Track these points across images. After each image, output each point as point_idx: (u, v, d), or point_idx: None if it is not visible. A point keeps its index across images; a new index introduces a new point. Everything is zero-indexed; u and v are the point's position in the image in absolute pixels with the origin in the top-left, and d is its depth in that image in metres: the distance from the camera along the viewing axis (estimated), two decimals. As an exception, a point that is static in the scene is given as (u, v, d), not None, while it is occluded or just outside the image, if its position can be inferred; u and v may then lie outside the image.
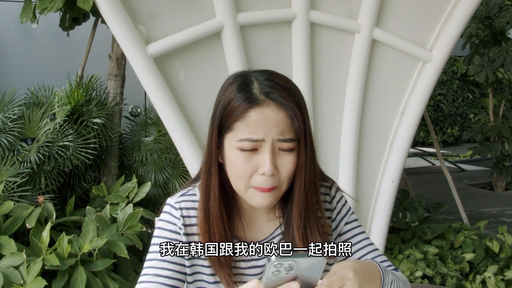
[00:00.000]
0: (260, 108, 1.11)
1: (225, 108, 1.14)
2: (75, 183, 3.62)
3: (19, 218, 2.83)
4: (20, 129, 3.37)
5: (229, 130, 1.14)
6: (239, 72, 1.21)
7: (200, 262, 1.24)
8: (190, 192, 1.28)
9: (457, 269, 3.53)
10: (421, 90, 3.47)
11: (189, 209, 1.25)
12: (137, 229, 3.03)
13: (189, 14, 2.94)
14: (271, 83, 1.14)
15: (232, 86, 1.16)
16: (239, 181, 1.16)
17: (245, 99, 1.12)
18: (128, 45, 2.78)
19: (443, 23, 3.45)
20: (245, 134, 1.11)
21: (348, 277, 1.00)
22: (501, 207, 6.49)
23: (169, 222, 1.24)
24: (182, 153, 2.93)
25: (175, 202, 1.26)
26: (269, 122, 1.11)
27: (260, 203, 1.16)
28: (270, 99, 1.12)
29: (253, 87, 1.14)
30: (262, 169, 1.12)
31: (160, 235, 1.24)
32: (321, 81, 3.30)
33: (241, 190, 1.18)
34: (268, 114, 1.11)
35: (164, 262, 1.20)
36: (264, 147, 1.12)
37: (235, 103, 1.12)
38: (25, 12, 3.03)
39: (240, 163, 1.13)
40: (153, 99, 2.86)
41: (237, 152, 1.13)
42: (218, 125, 1.16)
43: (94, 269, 2.74)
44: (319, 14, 3.20)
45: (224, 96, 1.16)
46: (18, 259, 2.53)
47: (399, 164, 3.49)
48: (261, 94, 1.12)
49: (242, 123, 1.12)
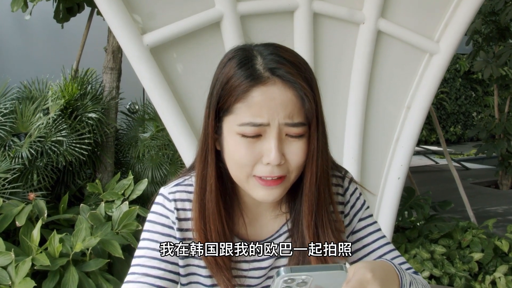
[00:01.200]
0: (264, 87, 0.96)
1: (223, 87, 0.99)
2: (69, 180, 3.53)
3: (9, 216, 2.73)
4: (12, 123, 3.30)
5: (229, 112, 0.99)
6: (240, 46, 1.05)
7: (195, 262, 1.10)
8: (186, 182, 1.13)
9: (465, 269, 3.41)
10: (428, 84, 3.37)
11: (184, 201, 1.10)
12: (132, 228, 2.94)
13: (187, 3, 2.84)
14: (277, 57, 0.98)
15: (232, 62, 1.00)
16: (239, 171, 1.01)
17: (247, 76, 0.96)
18: (123, 35, 2.68)
19: (450, 14, 3.35)
20: (247, 118, 0.96)
21: (367, 280, 0.87)
22: (508, 205, 6.38)
23: (162, 215, 1.09)
24: (180, 149, 2.83)
25: (169, 193, 1.10)
26: (275, 103, 0.95)
27: (264, 196, 1.01)
28: (277, 76, 0.96)
29: (257, 63, 0.98)
30: (267, 157, 0.97)
31: (151, 229, 1.09)
32: (324, 74, 3.20)
33: (241, 181, 1.03)
34: (274, 94, 0.96)
35: (155, 260, 1.06)
36: (269, 133, 0.97)
37: (235, 81, 0.97)
38: (16, 0, 2.92)
39: (241, 151, 0.98)
40: (149, 92, 2.77)
41: (238, 138, 0.98)
42: (216, 106, 1.01)
43: (87, 269, 2.63)
44: (322, 4, 3.10)
45: (222, 73, 1.01)
46: (6, 259, 2.43)
47: (405, 161, 3.39)
48: (265, 70, 0.97)
49: (243, 104, 0.96)
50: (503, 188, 7.50)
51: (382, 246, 1.19)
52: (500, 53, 6.45)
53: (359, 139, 3.28)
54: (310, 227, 1.06)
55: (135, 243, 2.89)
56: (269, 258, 1.13)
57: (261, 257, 1.13)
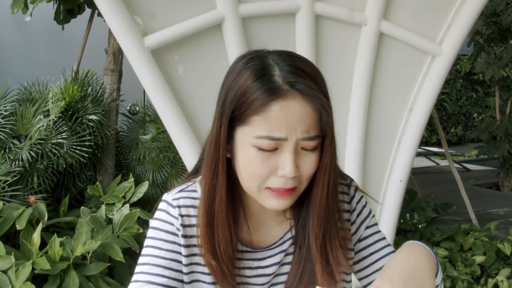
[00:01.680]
0: (284, 101, 0.93)
1: (240, 98, 0.96)
2: (70, 182, 3.51)
3: (9, 219, 2.71)
4: (12, 125, 3.27)
5: (244, 123, 0.96)
6: (253, 53, 1.02)
7: (200, 268, 1.08)
8: (190, 187, 1.11)
9: (467, 272, 3.40)
10: (430, 86, 3.36)
11: (189, 207, 1.07)
12: (133, 231, 2.91)
13: (188, 4, 2.83)
14: (295, 69, 0.96)
15: (248, 71, 0.97)
16: (252, 182, 0.99)
17: (266, 89, 0.93)
18: (124, 37, 2.67)
19: (453, 16, 3.34)
20: (265, 131, 0.94)
21: None
22: (509, 207, 6.37)
23: (166, 221, 1.07)
24: (181, 151, 2.81)
25: (173, 199, 1.08)
26: (294, 118, 0.94)
27: (275, 205, 0.99)
28: (296, 90, 0.94)
29: (275, 74, 0.95)
30: (282, 170, 0.95)
31: (155, 237, 1.07)
32: (326, 76, 3.09)
33: (253, 192, 1.01)
34: (293, 108, 0.94)
35: (159, 268, 1.04)
36: (286, 147, 0.95)
37: (253, 94, 0.94)
38: (16, 2, 2.91)
39: (256, 163, 0.96)
40: (150, 94, 2.75)
41: (254, 150, 0.96)
42: (230, 116, 0.98)
43: (87, 273, 2.61)
44: (324, 6, 3.09)
45: (237, 83, 0.97)
46: (7, 263, 2.40)
47: (407, 163, 3.38)
48: (284, 83, 0.94)
49: (261, 117, 0.94)
50: (505, 190, 7.49)
51: (388, 254, 1.17)
52: (502, 54, 6.44)
53: (361, 141, 3.27)
54: (318, 238, 1.05)
55: (136, 246, 2.87)
56: (273, 265, 1.11)
57: (265, 263, 1.11)
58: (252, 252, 1.11)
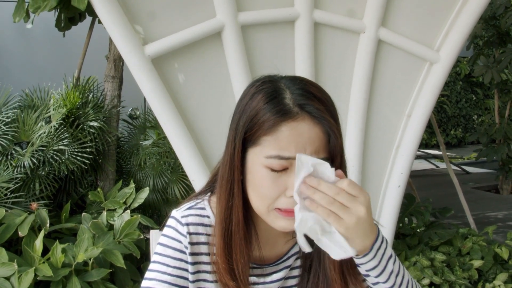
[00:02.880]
0: (294, 122, 0.97)
1: (251, 120, 1.00)
2: (71, 188, 3.54)
3: (12, 226, 2.75)
4: (14, 132, 3.31)
5: (255, 144, 1.00)
6: (266, 78, 1.06)
7: (207, 285, 1.11)
8: (199, 205, 1.13)
9: (465, 277, 3.42)
10: (428, 92, 3.40)
11: (197, 225, 1.10)
12: (134, 237, 2.95)
13: (188, 13, 2.87)
14: (306, 93, 1.00)
15: (260, 94, 1.01)
16: (261, 202, 1.02)
17: (277, 111, 0.97)
18: (124, 46, 2.72)
19: (451, 23, 3.38)
20: (275, 151, 0.97)
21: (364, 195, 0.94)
22: (508, 211, 6.38)
23: (174, 239, 1.09)
24: (181, 157, 2.85)
25: (182, 217, 1.10)
26: (303, 138, 0.97)
27: (284, 226, 1.01)
28: (306, 112, 0.98)
29: (286, 97, 0.99)
30: (291, 191, 0.97)
31: (163, 253, 1.09)
32: (325, 83, 3.21)
33: (262, 212, 1.03)
34: (302, 129, 0.97)
35: (165, 284, 1.06)
36: (294, 166, 0.97)
37: (264, 115, 0.98)
38: (18, 11, 2.94)
39: (266, 183, 0.99)
40: (151, 101, 2.80)
41: (264, 170, 0.99)
42: (242, 138, 1.02)
43: (89, 279, 2.64)
44: (323, 14, 3.13)
45: (250, 106, 1.01)
46: (9, 270, 2.44)
47: (405, 169, 3.41)
48: (295, 106, 0.98)
49: (272, 137, 0.97)
50: (504, 193, 7.51)
51: None
52: (501, 58, 6.47)
53: (360, 147, 3.30)
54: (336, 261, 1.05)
55: (137, 252, 2.90)
56: (278, 280, 1.15)
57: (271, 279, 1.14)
58: (259, 268, 1.14)
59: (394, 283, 1.01)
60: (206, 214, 1.11)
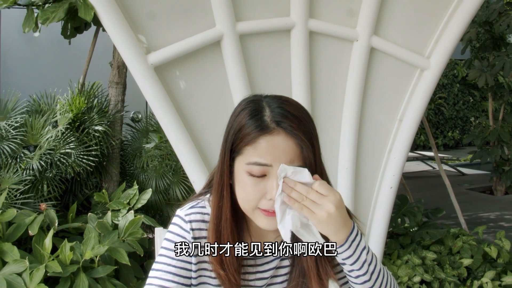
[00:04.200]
0: (270, 136, 1.14)
1: (236, 134, 1.17)
2: (77, 189, 3.65)
3: (22, 225, 2.88)
4: (23, 136, 3.41)
5: (239, 154, 1.17)
6: (251, 97, 1.24)
7: (207, 273, 1.27)
8: (200, 204, 1.30)
9: (454, 275, 3.56)
10: (419, 97, 3.51)
11: (199, 222, 1.27)
12: (138, 236, 3.07)
13: (189, 23, 2.98)
14: (283, 111, 1.16)
15: (244, 112, 1.19)
16: (246, 204, 1.19)
17: (256, 126, 1.15)
18: (128, 55, 2.82)
19: (440, 32, 3.49)
20: (254, 158, 1.14)
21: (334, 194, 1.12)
22: (500, 211, 6.50)
23: (179, 235, 1.26)
24: (182, 160, 2.97)
25: (185, 215, 1.27)
26: (278, 149, 1.14)
27: (266, 225, 1.19)
28: (281, 128, 1.14)
29: (265, 115, 1.16)
30: (269, 194, 1.15)
31: (169, 247, 1.25)
32: (320, 88, 3.34)
33: (248, 212, 1.20)
34: (278, 142, 1.14)
35: (170, 274, 1.22)
36: (272, 173, 1.14)
37: (246, 130, 1.16)
38: (27, 22, 3.07)
39: (248, 188, 1.16)
40: (153, 107, 2.90)
41: (246, 176, 1.16)
42: (230, 148, 1.19)
43: (95, 275, 2.77)
44: (317, 23, 3.24)
45: (236, 121, 1.19)
46: (21, 266, 2.57)
47: (397, 171, 3.52)
48: (272, 122, 1.15)
49: (252, 148, 1.15)
50: (498, 194, 7.62)
51: None
52: (494, 62, 6.59)
53: (353, 149, 3.40)
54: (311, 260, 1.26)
55: (141, 250, 3.04)
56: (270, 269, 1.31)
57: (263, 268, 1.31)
58: (252, 259, 1.31)
59: (367, 271, 1.16)
60: (206, 212, 1.28)
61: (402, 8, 3.43)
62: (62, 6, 2.84)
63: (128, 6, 2.81)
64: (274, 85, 3.20)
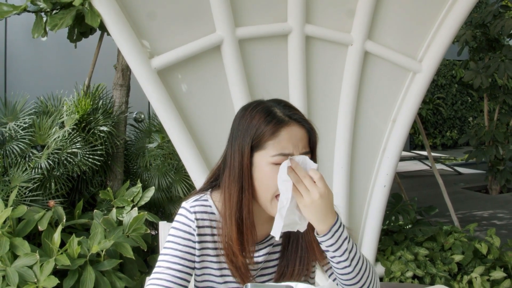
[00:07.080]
0: (288, 127, 1.32)
1: (255, 132, 1.33)
2: (83, 187, 3.79)
3: (32, 221, 3.02)
4: (31, 136, 3.55)
5: (261, 149, 1.33)
6: (256, 102, 1.41)
7: (209, 258, 1.42)
8: (203, 198, 1.45)
9: (445, 270, 3.68)
10: (412, 99, 3.63)
11: (202, 213, 1.41)
12: (141, 231, 3.20)
13: (190, 29, 3.11)
14: (288, 107, 1.37)
15: (258, 114, 1.35)
16: (268, 192, 1.33)
17: (275, 121, 1.32)
18: (133, 59, 2.94)
19: (432, 36, 3.62)
20: (278, 150, 1.31)
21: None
22: (494, 210, 6.62)
23: (184, 224, 1.40)
24: (184, 159, 3.09)
25: (190, 207, 1.42)
26: (296, 138, 1.32)
27: None
28: (293, 120, 1.34)
29: (277, 112, 1.35)
30: None
31: (175, 235, 1.40)
32: (316, 91, 3.47)
33: (267, 200, 1.35)
34: (295, 132, 1.33)
35: (176, 258, 1.36)
36: None
37: (266, 126, 1.32)
38: (36, 28, 3.20)
39: (272, 175, 1.31)
40: (156, 108, 3.03)
41: (271, 166, 1.31)
42: (250, 145, 1.34)
43: (102, 268, 2.92)
44: (314, 28, 3.37)
45: (251, 123, 1.35)
46: (32, 259, 2.72)
47: (390, 170, 3.64)
48: (285, 116, 1.34)
49: (274, 141, 1.31)
50: (493, 193, 7.74)
51: None
52: (489, 63, 6.71)
53: (348, 149, 3.52)
54: None
55: (144, 245, 3.18)
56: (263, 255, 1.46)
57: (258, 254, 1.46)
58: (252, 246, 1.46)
59: (348, 257, 1.31)
60: (208, 204, 1.43)
61: (395, 14, 3.55)
62: (70, 13, 2.97)
63: (132, 13, 2.93)
64: (272, 87, 3.32)
